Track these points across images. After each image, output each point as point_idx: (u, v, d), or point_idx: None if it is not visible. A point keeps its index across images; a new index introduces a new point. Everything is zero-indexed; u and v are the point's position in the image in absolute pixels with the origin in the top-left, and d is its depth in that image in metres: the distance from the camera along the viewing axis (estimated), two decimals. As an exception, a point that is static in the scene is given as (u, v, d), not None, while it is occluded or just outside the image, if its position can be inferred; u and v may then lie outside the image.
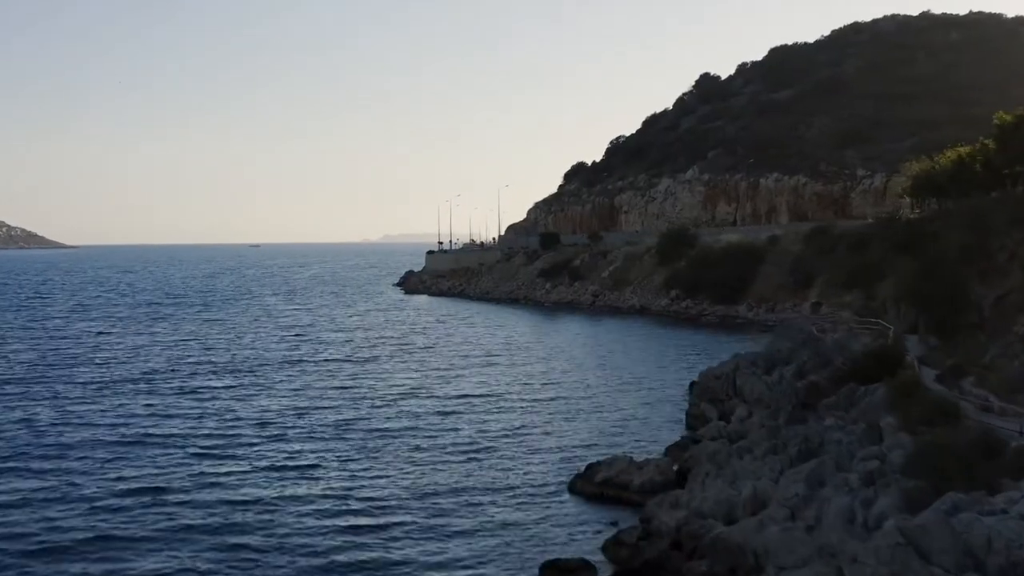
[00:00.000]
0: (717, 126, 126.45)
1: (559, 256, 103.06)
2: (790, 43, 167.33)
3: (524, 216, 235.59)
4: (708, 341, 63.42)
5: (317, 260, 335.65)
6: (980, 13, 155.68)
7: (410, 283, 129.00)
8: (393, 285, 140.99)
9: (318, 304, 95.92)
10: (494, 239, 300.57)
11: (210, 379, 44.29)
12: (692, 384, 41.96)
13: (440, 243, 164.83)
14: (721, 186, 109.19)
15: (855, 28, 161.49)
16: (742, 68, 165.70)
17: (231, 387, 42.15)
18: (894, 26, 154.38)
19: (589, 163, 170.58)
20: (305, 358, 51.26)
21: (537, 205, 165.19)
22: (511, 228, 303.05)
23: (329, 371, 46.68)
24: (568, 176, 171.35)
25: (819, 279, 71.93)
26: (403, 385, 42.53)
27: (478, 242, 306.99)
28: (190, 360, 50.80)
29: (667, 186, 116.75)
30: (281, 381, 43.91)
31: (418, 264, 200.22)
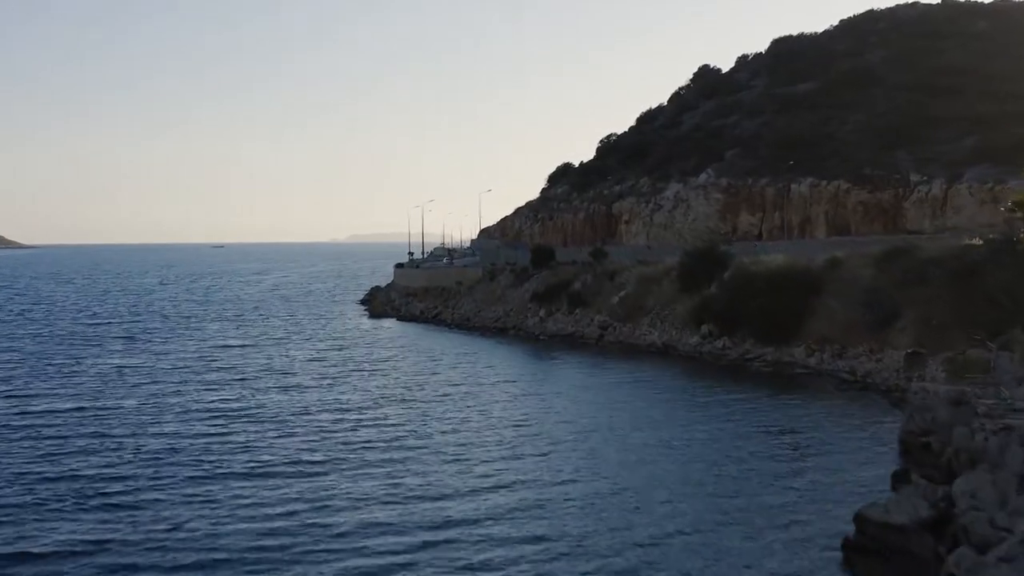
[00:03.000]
0: (730, 123, 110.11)
1: (554, 276, 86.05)
2: (794, 34, 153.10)
3: (498, 220, 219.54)
4: (778, 405, 46.80)
5: (279, 264, 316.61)
6: (1007, 1, 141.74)
7: (376, 303, 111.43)
8: (357, 303, 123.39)
9: (268, 339, 78.09)
10: (468, 244, 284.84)
11: (66, 513, 26.77)
12: (846, 545, 24.91)
13: (411, 254, 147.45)
14: (743, 193, 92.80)
15: (871, 16, 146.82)
16: (743, 60, 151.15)
17: (88, 543, 24.61)
18: (915, 14, 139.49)
19: (577, 164, 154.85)
20: (231, 464, 33.27)
21: (520, 211, 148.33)
22: (484, 232, 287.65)
23: (260, 503, 28.62)
24: (553, 178, 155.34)
25: (907, 317, 55.36)
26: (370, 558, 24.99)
27: (447, 247, 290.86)
28: (49, 475, 32.51)
29: (676, 192, 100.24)
30: (183, 523, 26.35)
31: (386, 273, 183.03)
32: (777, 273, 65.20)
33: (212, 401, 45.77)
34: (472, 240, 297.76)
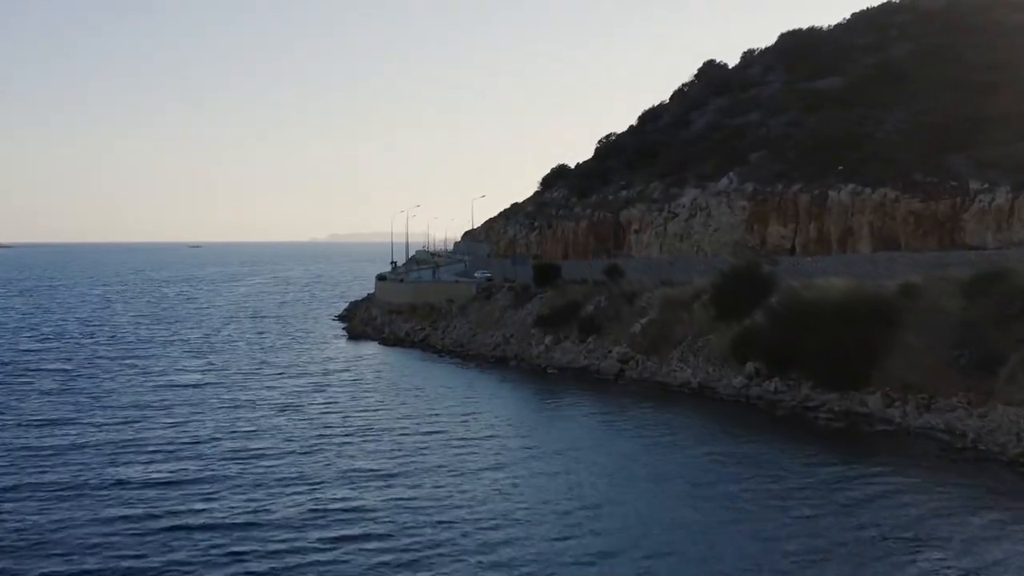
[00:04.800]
0: (752, 122, 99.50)
1: (561, 297, 75.16)
2: (803, 27, 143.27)
3: (483, 222, 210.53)
4: (871, 479, 36.40)
5: (255, 268, 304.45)
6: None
7: (355, 322, 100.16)
8: (335, 319, 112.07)
9: (232, 374, 66.78)
10: (451, 247, 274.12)
11: None
12: None
13: (393, 263, 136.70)
14: (772, 200, 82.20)
15: (889, 9, 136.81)
16: (750, 55, 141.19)
17: None
18: (939, 7, 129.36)
19: (573, 165, 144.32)
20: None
21: (510, 217, 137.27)
22: (468, 234, 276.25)
23: None
24: (547, 181, 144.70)
25: (1015, 362, 44.80)
26: None
27: (429, 251, 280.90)
28: None
29: (693, 198, 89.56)
30: None
31: (366, 279, 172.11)
32: (839, 300, 54.52)
33: (144, 489, 34.48)
34: (456, 243, 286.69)
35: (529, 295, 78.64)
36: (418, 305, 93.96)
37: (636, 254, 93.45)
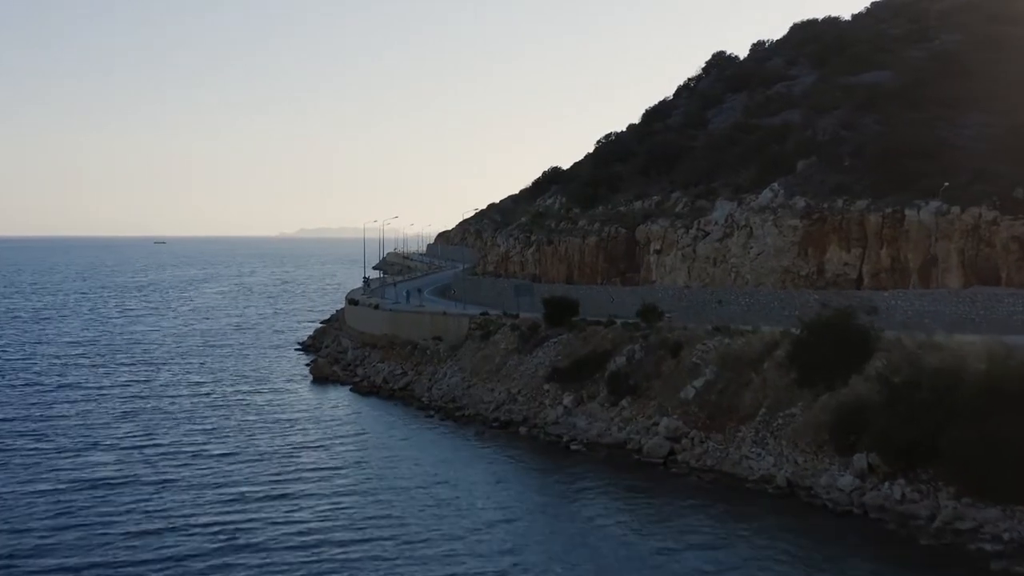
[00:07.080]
0: (791, 122, 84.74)
1: (582, 342, 60.10)
2: (819, 17, 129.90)
3: (458, 223, 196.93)
4: None
5: (217, 269, 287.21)
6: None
7: (322, 358, 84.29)
8: (298, 348, 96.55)
9: (159, 454, 51.38)
10: (424, 249, 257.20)
11: None
12: None
13: (366, 279, 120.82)
14: (832, 219, 67.48)
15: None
16: (760, 47, 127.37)
17: None
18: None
19: (566, 168, 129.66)
20: None
21: (499, 226, 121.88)
22: (442, 236, 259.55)
23: None
24: (540, 186, 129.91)
25: None
26: None
27: (403, 253, 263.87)
28: None
29: (728, 214, 74.73)
30: None
31: (337, 287, 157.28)
32: (979, 373, 39.88)
33: None
34: (429, 245, 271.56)
35: (539, 337, 63.52)
36: (397, 339, 78.69)
37: (658, 279, 78.69)
